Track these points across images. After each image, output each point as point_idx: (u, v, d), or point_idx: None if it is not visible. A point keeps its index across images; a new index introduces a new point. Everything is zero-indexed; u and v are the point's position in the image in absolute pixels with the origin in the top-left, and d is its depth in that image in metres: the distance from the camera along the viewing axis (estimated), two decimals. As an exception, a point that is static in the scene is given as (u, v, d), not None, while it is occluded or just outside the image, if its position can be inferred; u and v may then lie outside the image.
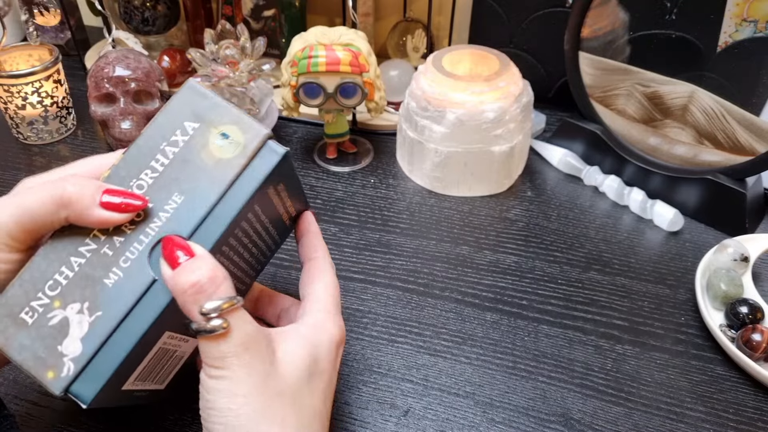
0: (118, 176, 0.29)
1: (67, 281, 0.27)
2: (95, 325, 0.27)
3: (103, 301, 0.27)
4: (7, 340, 0.27)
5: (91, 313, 0.27)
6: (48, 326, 0.27)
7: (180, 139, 0.29)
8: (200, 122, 0.29)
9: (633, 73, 0.56)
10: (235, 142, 0.29)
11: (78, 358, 0.27)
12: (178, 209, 0.28)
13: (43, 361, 0.27)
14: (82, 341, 0.27)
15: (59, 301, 0.27)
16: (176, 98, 0.30)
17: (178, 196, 0.29)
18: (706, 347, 0.43)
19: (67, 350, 0.27)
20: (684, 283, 0.48)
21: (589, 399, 0.39)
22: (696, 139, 0.55)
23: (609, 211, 0.56)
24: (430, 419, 0.38)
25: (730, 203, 0.52)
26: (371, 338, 0.43)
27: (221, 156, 0.29)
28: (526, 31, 0.67)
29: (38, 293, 0.27)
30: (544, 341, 0.43)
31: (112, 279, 0.28)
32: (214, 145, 0.29)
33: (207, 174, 0.29)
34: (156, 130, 0.29)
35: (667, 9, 0.54)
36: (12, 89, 0.59)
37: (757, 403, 0.39)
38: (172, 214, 0.28)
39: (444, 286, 0.47)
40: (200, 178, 0.29)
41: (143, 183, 0.29)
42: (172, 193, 0.29)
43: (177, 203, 0.29)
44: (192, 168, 0.29)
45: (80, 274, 0.28)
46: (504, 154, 0.54)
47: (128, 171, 0.29)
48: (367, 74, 0.53)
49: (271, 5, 0.72)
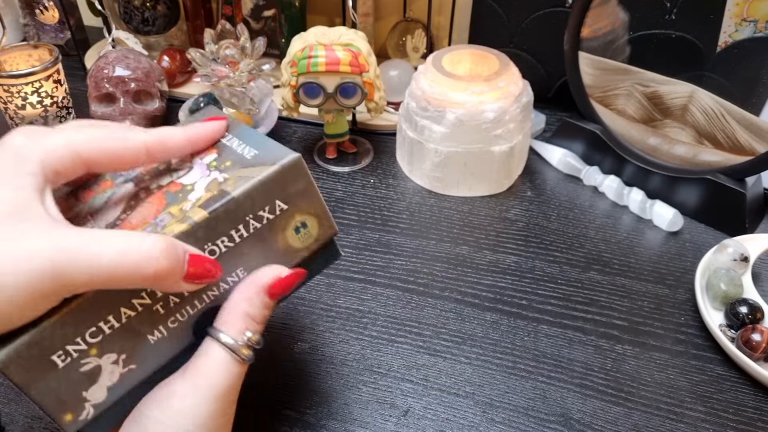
0: (195, 237, 0.26)
1: (111, 331, 0.25)
2: (126, 377, 0.26)
3: (140, 355, 0.26)
4: (31, 380, 0.24)
5: (125, 364, 0.26)
6: (79, 372, 0.25)
7: (266, 216, 0.28)
8: (289, 205, 0.28)
9: (633, 73, 0.56)
10: (309, 234, 0.29)
11: (99, 405, 0.26)
12: (237, 284, 0.28)
13: (65, 404, 0.25)
14: (109, 390, 0.26)
15: (97, 349, 0.25)
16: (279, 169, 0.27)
17: (242, 271, 0.28)
18: (706, 347, 0.43)
19: (91, 396, 0.26)
20: (684, 283, 0.48)
21: (588, 399, 0.39)
22: (696, 139, 0.55)
23: (608, 211, 0.56)
24: (430, 419, 0.38)
25: (730, 203, 0.52)
26: (371, 338, 0.43)
27: (292, 243, 0.29)
28: (526, 31, 0.67)
29: (77, 338, 0.25)
30: (543, 341, 0.43)
31: (156, 336, 0.27)
32: (291, 231, 0.29)
33: (273, 258, 0.28)
34: (249, 199, 0.27)
35: (667, 9, 0.54)
36: (12, 89, 0.59)
37: (756, 403, 0.39)
38: (230, 287, 0.28)
39: (444, 286, 0.47)
40: (266, 260, 0.28)
41: (216, 249, 0.27)
42: (238, 266, 0.28)
43: (239, 278, 0.28)
44: (264, 247, 0.28)
45: (126, 326, 0.26)
46: (504, 154, 0.54)
47: (208, 234, 0.26)
48: (366, 74, 0.53)
49: (271, 5, 0.72)
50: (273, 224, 0.28)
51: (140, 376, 0.26)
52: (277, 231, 0.28)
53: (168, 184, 0.29)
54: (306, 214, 0.29)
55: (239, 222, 0.27)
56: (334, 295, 0.46)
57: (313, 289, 0.46)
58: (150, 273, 0.23)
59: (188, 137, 0.29)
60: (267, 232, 0.28)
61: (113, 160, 0.27)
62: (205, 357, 0.27)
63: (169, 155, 0.29)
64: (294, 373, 0.40)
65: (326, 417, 0.38)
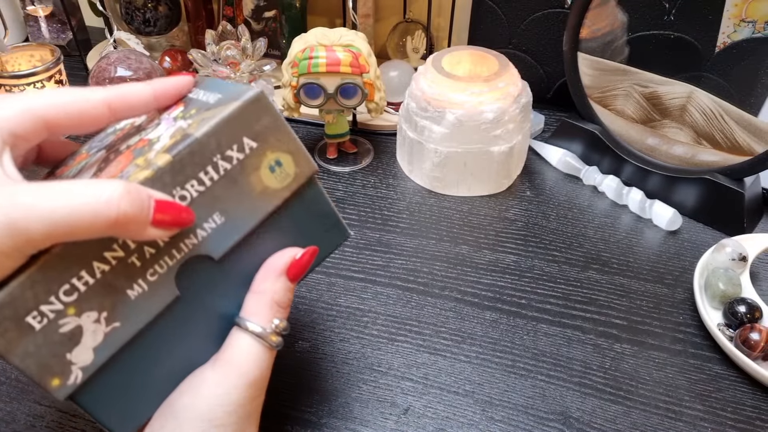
0: (162, 181, 0.25)
1: (87, 288, 0.24)
2: (111, 337, 0.25)
3: (122, 312, 0.25)
4: (8, 345, 0.23)
5: (108, 323, 0.25)
6: (58, 333, 0.24)
7: (235, 156, 0.27)
8: (259, 143, 0.27)
9: (631, 73, 0.57)
10: (285, 173, 0.28)
11: (87, 368, 0.25)
12: (216, 230, 0.27)
13: (49, 368, 0.24)
14: (95, 351, 0.25)
15: (74, 308, 0.24)
16: (241, 105, 0.26)
17: (219, 216, 0.27)
18: (705, 346, 0.43)
19: (76, 359, 0.25)
20: (682, 283, 0.48)
21: (587, 397, 0.39)
22: (694, 140, 0.55)
23: (608, 211, 0.56)
24: (430, 417, 0.38)
25: (729, 203, 0.52)
26: (371, 337, 0.43)
27: (269, 184, 0.28)
28: (525, 32, 0.67)
29: (50, 297, 0.24)
30: (543, 340, 0.43)
31: (136, 291, 0.26)
32: (265, 170, 0.27)
33: (250, 200, 0.27)
34: (212, 138, 0.26)
35: (666, 10, 0.54)
36: (14, 89, 0.59)
37: (755, 402, 0.40)
38: (209, 234, 0.27)
39: (443, 285, 0.47)
40: (243, 203, 0.27)
41: (187, 195, 0.26)
42: (214, 212, 0.27)
43: (216, 224, 0.27)
44: (239, 190, 0.27)
45: (102, 282, 0.25)
46: (503, 154, 0.55)
47: (174, 179, 0.25)
48: (367, 75, 0.53)
49: (272, 6, 0.72)
50: (244, 164, 0.27)
51: (126, 335, 0.26)
52: (250, 171, 0.27)
53: (136, 142, 0.28)
54: (279, 152, 0.28)
55: (206, 164, 0.26)
56: (335, 294, 0.46)
57: (313, 288, 0.47)
58: (111, 219, 0.22)
59: (153, 91, 0.28)
60: (239, 174, 0.27)
61: (75, 120, 0.26)
62: (235, 346, 0.28)
63: (134, 111, 0.28)
64: (294, 372, 0.40)
65: (327, 415, 0.38)
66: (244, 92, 0.27)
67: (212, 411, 0.26)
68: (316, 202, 0.31)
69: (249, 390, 0.27)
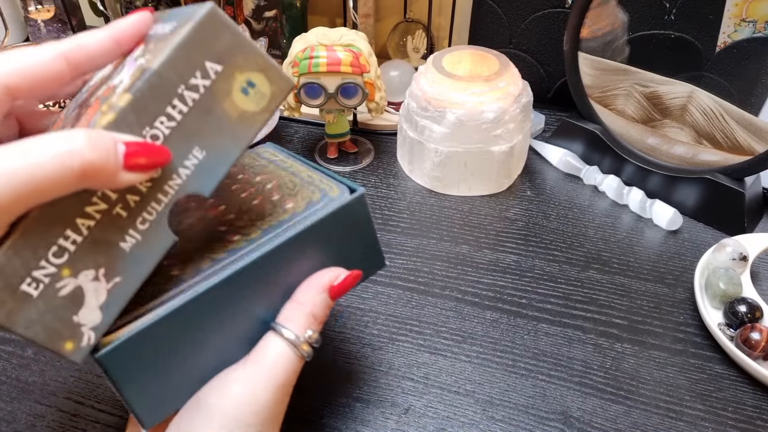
0: (127, 122, 0.24)
1: (76, 247, 0.24)
2: (115, 293, 0.25)
3: (120, 266, 0.25)
4: (10, 316, 0.23)
5: (108, 279, 0.24)
6: (58, 297, 0.24)
7: (200, 83, 0.25)
8: (224, 65, 0.25)
9: (632, 73, 0.57)
10: (261, 93, 0.26)
11: (98, 327, 0.25)
12: (200, 166, 0.25)
13: (58, 333, 0.24)
14: (102, 310, 0.25)
15: (69, 269, 0.24)
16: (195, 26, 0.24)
17: (199, 151, 0.25)
18: (705, 346, 0.43)
19: (84, 320, 0.24)
20: (683, 282, 0.48)
21: (588, 397, 0.39)
22: (695, 139, 0.55)
23: (608, 211, 0.56)
24: (431, 417, 0.38)
25: (729, 203, 0.52)
26: (372, 337, 0.43)
27: (245, 108, 0.26)
28: (525, 32, 0.67)
29: (40, 261, 0.23)
30: (543, 340, 0.43)
31: (130, 243, 0.25)
32: (238, 94, 0.26)
33: (229, 128, 0.26)
34: (171, 68, 0.24)
35: (667, 9, 0.54)
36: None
37: (755, 402, 0.40)
38: (193, 172, 0.25)
39: (444, 284, 0.47)
40: (222, 133, 0.26)
41: (159, 134, 0.24)
42: (192, 147, 0.25)
43: (198, 159, 0.25)
44: (214, 119, 0.25)
45: (91, 238, 0.24)
46: (504, 154, 0.55)
47: (140, 118, 0.24)
48: (367, 75, 0.53)
49: (273, 6, 0.72)
50: (213, 91, 0.25)
51: (131, 289, 0.25)
52: (221, 97, 0.25)
53: (103, 91, 0.27)
54: (248, 71, 0.26)
55: (172, 96, 0.24)
56: (335, 294, 0.46)
57: (314, 288, 0.47)
58: (77, 169, 0.21)
59: (111, 35, 0.26)
60: (210, 102, 0.25)
61: (35, 80, 0.25)
62: (267, 349, 0.28)
63: (95, 60, 0.26)
64: (295, 372, 0.40)
65: (327, 415, 0.38)
66: (196, 11, 0.25)
67: (240, 410, 0.27)
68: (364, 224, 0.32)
69: (276, 393, 0.28)
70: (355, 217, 0.31)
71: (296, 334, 0.28)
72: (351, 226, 0.31)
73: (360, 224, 0.32)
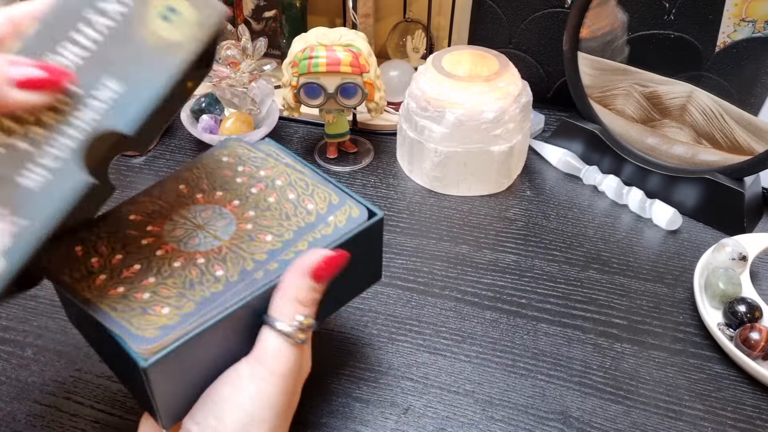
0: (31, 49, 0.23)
1: None
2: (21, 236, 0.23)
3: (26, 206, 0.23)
4: None
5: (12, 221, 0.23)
6: None
7: (112, 8, 0.23)
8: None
9: (632, 73, 0.57)
10: (184, 20, 0.24)
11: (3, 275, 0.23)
12: (118, 101, 0.23)
13: None
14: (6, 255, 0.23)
15: None
16: None
17: (116, 83, 0.23)
18: (705, 346, 0.43)
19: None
20: (682, 282, 0.48)
21: (588, 397, 0.39)
22: (694, 139, 0.55)
23: (608, 211, 0.56)
24: (430, 417, 0.38)
25: (729, 203, 0.52)
26: (371, 336, 0.43)
27: (167, 36, 0.24)
28: (525, 32, 0.67)
29: None
30: (543, 339, 0.43)
31: (33, 178, 0.23)
32: (157, 21, 0.24)
33: (149, 58, 0.24)
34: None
35: (666, 9, 0.54)
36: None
37: (755, 401, 0.40)
38: (111, 106, 0.23)
39: (444, 284, 0.47)
40: (141, 62, 0.24)
41: (66, 62, 0.23)
42: (105, 76, 0.23)
43: (115, 91, 0.23)
44: (131, 48, 0.23)
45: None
46: (503, 153, 0.55)
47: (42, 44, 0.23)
48: (367, 75, 0.53)
49: (272, 6, 0.72)
50: (129, 18, 0.24)
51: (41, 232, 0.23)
52: (138, 25, 0.24)
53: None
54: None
55: (76, 21, 0.23)
56: (335, 294, 0.46)
57: (313, 288, 0.47)
58: None
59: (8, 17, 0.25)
60: (127, 29, 0.23)
61: None
62: (265, 344, 0.28)
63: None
64: (295, 372, 0.40)
65: (326, 415, 0.38)
66: None
67: (252, 405, 0.27)
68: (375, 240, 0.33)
69: (283, 385, 0.28)
70: (373, 237, 0.33)
71: (288, 323, 0.28)
72: (368, 244, 0.33)
73: (374, 242, 0.34)
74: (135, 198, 0.33)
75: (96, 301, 0.27)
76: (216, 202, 0.33)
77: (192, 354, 0.27)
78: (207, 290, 0.28)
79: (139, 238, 0.30)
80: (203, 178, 0.34)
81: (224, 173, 0.34)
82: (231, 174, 0.34)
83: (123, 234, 0.31)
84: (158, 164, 0.59)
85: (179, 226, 0.31)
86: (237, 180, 0.34)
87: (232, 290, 0.28)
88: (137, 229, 0.31)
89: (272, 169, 0.35)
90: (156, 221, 0.31)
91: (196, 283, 0.28)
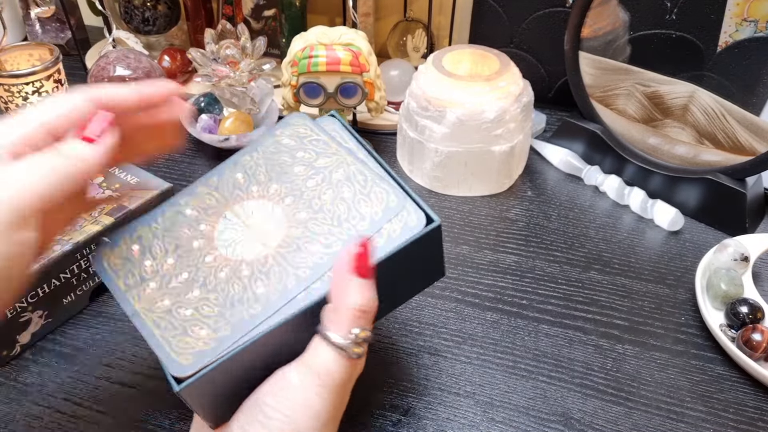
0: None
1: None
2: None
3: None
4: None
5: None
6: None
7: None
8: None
9: (633, 72, 0.56)
10: None
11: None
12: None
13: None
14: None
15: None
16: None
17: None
18: (706, 347, 0.43)
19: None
20: (684, 283, 0.48)
21: (589, 398, 0.39)
22: (696, 139, 0.55)
23: (609, 211, 0.56)
24: (431, 419, 0.38)
25: (731, 203, 0.52)
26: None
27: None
28: (526, 31, 0.67)
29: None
30: (544, 341, 0.43)
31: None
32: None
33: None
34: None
35: (668, 9, 0.54)
36: (12, 89, 0.59)
37: (757, 403, 0.39)
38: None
39: (444, 285, 0.47)
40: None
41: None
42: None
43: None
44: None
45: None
46: (504, 153, 0.54)
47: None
48: (367, 74, 0.53)
49: (272, 5, 0.72)
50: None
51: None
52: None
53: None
54: None
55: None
56: (335, 295, 0.46)
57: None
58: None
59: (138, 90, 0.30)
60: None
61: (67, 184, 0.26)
62: (317, 355, 0.27)
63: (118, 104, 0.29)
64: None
65: (327, 416, 0.38)
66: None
67: (298, 415, 0.27)
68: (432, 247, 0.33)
69: (329, 397, 0.27)
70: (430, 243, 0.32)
71: (343, 336, 0.27)
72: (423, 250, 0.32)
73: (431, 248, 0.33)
74: (193, 188, 0.33)
75: (143, 314, 0.29)
76: (270, 198, 0.32)
77: (226, 373, 0.27)
78: (246, 311, 0.28)
79: (191, 239, 0.31)
80: (261, 165, 0.33)
81: (282, 159, 0.33)
82: (290, 161, 0.33)
83: (178, 232, 0.31)
84: (157, 164, 0.59)
85: (230, 227, 0.31)
86: (294, 169, 0.33)
87: (271, 313, 0.28)
88: (191, 227, 0.32)
89: (332, 156, 0.33)
90: (210, 218, 0.32)
91: (237, 302, 0.29)
